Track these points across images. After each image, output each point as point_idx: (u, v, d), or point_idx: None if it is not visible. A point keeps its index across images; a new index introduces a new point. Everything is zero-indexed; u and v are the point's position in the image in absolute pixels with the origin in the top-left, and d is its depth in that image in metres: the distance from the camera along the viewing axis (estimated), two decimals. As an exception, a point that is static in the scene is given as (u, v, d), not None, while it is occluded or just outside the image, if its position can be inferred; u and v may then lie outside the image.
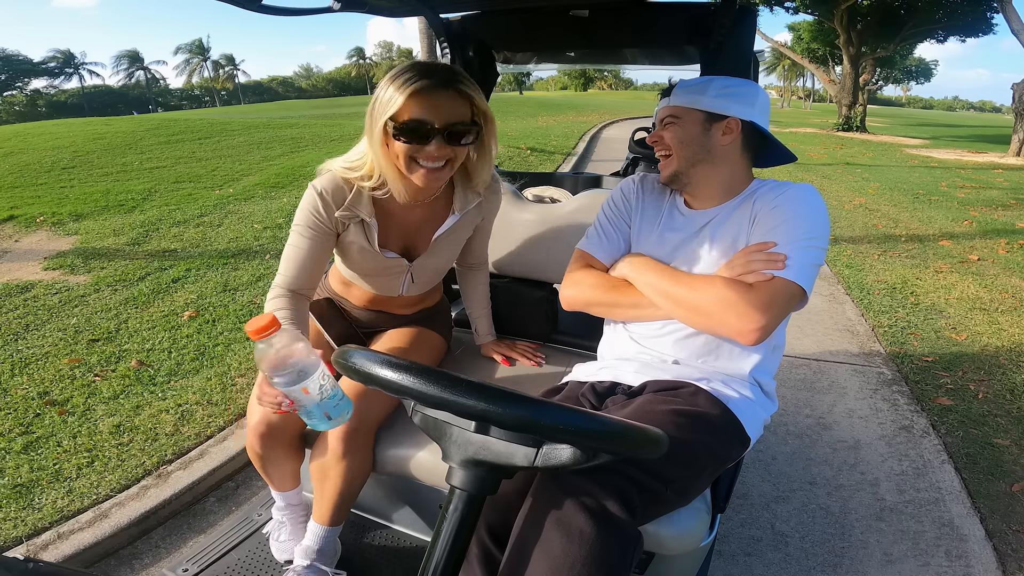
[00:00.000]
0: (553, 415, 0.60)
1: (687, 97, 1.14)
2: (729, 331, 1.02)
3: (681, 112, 1.14)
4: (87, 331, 2.83)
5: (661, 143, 1.17)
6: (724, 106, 1.11)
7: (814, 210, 1.06)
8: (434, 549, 0.69)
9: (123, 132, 8.84)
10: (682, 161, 1.14)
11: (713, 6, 1.46)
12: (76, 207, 4.98)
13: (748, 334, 1.00)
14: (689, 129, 1.13)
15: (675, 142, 1.15)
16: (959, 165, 10.71)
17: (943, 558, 1.67)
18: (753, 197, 1.14)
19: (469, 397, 0.60)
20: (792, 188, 1.10)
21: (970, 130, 25.51)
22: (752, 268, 1.03)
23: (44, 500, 1.75)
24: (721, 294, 1.02)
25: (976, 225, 5.61)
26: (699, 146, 1.13)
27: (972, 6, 16.44)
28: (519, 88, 73.38)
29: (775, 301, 0.99)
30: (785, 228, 1.04)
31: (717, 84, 1.13)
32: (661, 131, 1.18)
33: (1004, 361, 2.81)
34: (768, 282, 1.01)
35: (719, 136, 1.12)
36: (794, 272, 1.00)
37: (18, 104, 64.99)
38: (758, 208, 1.10)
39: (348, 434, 1.15)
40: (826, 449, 2.16)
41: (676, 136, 1.15)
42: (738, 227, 1.12)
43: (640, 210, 1.25)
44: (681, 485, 0.96)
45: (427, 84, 1.02)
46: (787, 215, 1.05)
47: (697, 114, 1.13)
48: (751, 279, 1.02)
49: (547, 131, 13.42)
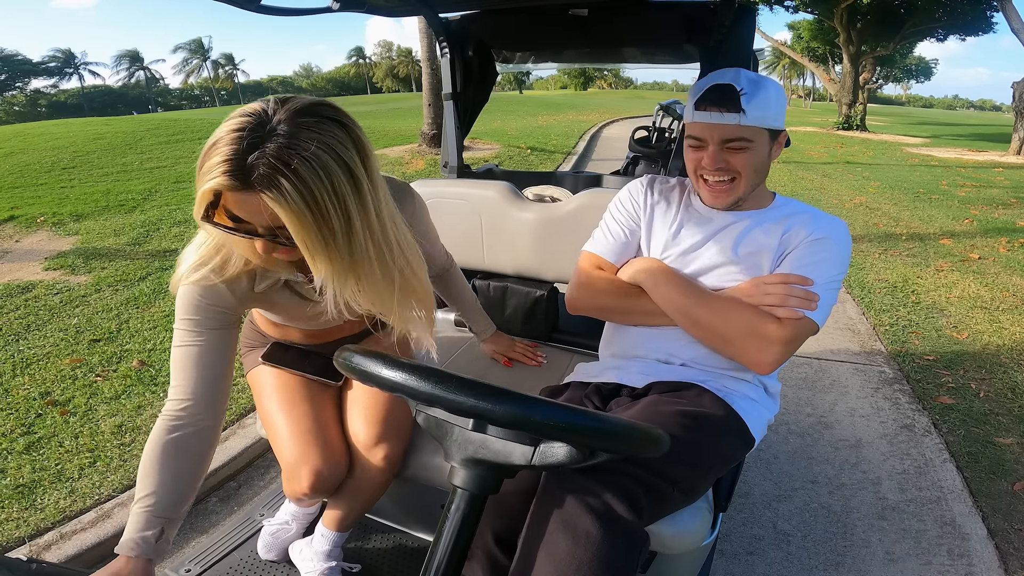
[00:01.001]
0: (543, 411, 0.60)
1: (758, 114, 1.00)
2: (746, 360, 1.02)
3: (753, 135, 1.01)
4: (88, 331, 2.84)
5: (728, 168, 1.04)
6: (782, 121, 1.05)
7: (846, 251, 1.07)
8: (436, 549, 0.69)
9: (123, 132, 8.85)
10: (749, 187, 1.06)
11: (712, 5, 1.46)
12: (76, 207, 4.99)
13: (764, 365, 1.00)
14: (761, 153, 1.04)
15: (749, 170, 1.04)
16: (959, 164, 10.70)
17: (945, 557, 1.67)
18: (785, 215, 1.10)
19: (459, 393, 0.61)
20: (832, 224, 1.08)
21: (970, 129, 25.50)
22: (788, 303, 1.00)
23: (46, 500, 1.75)
24: (747, 324, 1.00)
25: (977, 224, 5.61)
26: (764, 169, 1.07)
27: (972, 5, 16.41)
28: (519, 87, 73.37)
29: (797, 338, 1.00)
30: (822, 268, 1.03)
31: (772, 91, 1.01)
32: (726, 155, 1.03)
33: (1005, 360, 2.81)
34: (797, 320, 1.00)
35: (775, 151, 1.08)
36: (820, 313, 1.01)
37: (18, 104, 65.01)
38: (795, 232, 1.07)
39: (390, 464, 1.14)
40: (828, 448, 2.16)
41: (751, 164, 1.03)
42: (765, 240, 1.08)
43: (651, 210, 1.21)
44: (687, 485, 0.96)
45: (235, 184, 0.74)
46: (825, 254, 1.04)
47: (764, 133, 1.03)
48: (781, 312, 1.00)
49: (547, 130, 13.41)
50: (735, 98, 0.98)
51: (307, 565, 1.24)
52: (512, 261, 1.66)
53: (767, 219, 1.11)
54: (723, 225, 1.12)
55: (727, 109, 0.99)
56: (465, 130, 1.96)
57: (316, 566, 1.22)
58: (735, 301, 1.04)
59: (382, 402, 1.18)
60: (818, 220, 1.09)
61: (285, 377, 1.21)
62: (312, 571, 1.22)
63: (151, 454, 0.89)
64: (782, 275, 1.04)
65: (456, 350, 1.64)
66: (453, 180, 1.84)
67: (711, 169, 1.04)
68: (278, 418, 1.16)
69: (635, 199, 1.23)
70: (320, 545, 1.23)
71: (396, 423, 1.17)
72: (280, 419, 1.16)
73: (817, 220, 1.09)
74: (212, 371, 0.94)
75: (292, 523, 1.37)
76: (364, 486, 1.17)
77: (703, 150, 1.04)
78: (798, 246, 1.06)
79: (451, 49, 1.79)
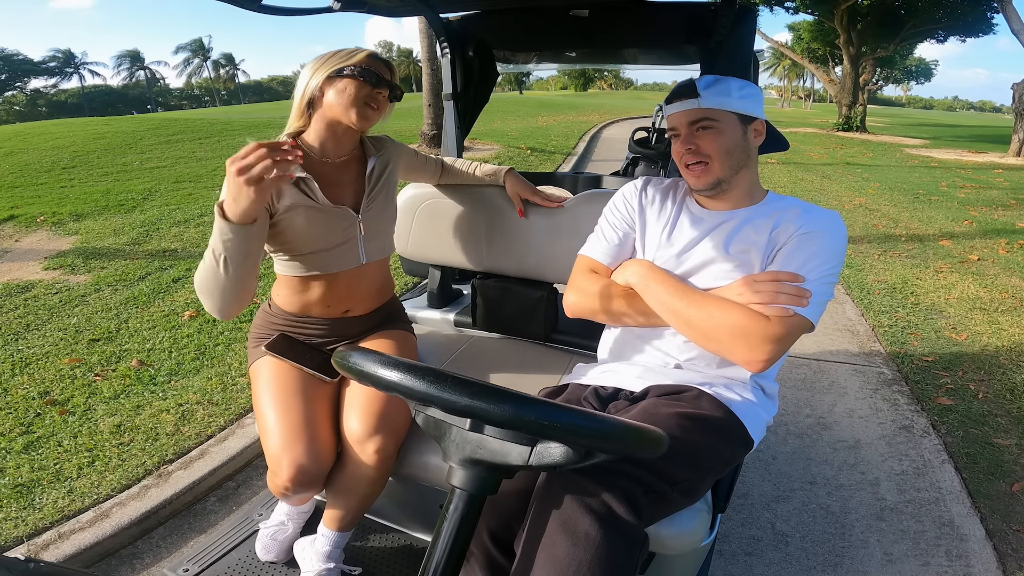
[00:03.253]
0: (537, 410, 0.60)
1: (717, 98, 1.07)
2: (737, 359, 1.02)
3: (718, 115, 1.07)
4: (87, 331, 2.84)
5: (696, 151, 1.09)
6: (750, 107, 1.09)
7: (840, 244, 1.06)
8: (434, 549, 0.69)
9: (123, 132, 8.85)
10: (726, 169, 1.09)
11: (713, 6, 1.46)
12: (76, 207, 4.99)
13: (755, 364, 1.00)
14: (731, 134, 1.08)
15: (719, 151, 1.08)
16: (959, 165, 10.71)
17: (943, 558, 1.68)
18: (775, 211, 1.11)
19: (454, 392, 0.61)
20: (823, 217, 1.07)
21: (970, 130, 25.50)
22: (777, 300, 1.00)
23: (45, 500, 1.75)
24: (736, 323, 1.00)
25: (976, 225, 5.62)
26: (742, 151, 1.10)
27: (972, 6, 16.42)
28: (519, 88, 73.37)
29: (788, 336, 1.00)
30: (815, 262, 1.02)
31: (735, 83, 1.09)
32: (695, 138, 1.09)
33: (1004, 361, 2.82)
34: (787, 317, 1.00)
35: (752, 138, 1.11)
36: (812, 310, 1.01)
37: (18, 104, 64.99)
38: (783, 228, 1.07)
39: (382, 459, 1.15)
40: (826, 449, 2.16)
41: (720, 144, 1.08)
42: (755, 237, 1.09)
43: (645, 212, 1.22)
44: (686, 486, 0.96)
45: (376, 54, 1.22)
46: (817, 248, 1.03)
47: (732, 116, 1.08)
48: (771, 311, 1.00)
49: (547, 131, 13.41)
50: (692, 87, 1.09)
51: (308, 564, 1.25)
52: (512, 262, 1.67)
53: (757, 215, 1.11)
54: (715, 224, 1.13)
55: (687, 97, 1.09)
56: (465, 130, 1.96)
57: (315, 566, 1.23)
58: (725, 301, 1.04)
59: (379, 400, 1.19)
60: (809, 213, 1.09)
61: (283, 373, 1.24)
62: (311, 571, 1.23)
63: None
64: (772, 272, 1.04)
65: (456, 350, 1.64)
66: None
67: (684, 151, 1.10)
68: (268, 411, 1.18)
69: (629, 202, 1.24)
70: (321, 545, 1.24)
71: (391, 420, 1.18)
72: (270, 412, 1.18)
73: (808, 213, 1.09)
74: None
75: (288, 523, 1.37)
76: (357, 483, 1.18)
77: (679, 138, 1.12)
78: (788, 241, 1.06)
79: (452, 49, 1.79)
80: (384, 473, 1.18)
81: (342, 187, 1.29)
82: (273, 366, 1.25)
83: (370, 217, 1.31)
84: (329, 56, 1.21)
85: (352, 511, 1.21)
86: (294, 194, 1.19)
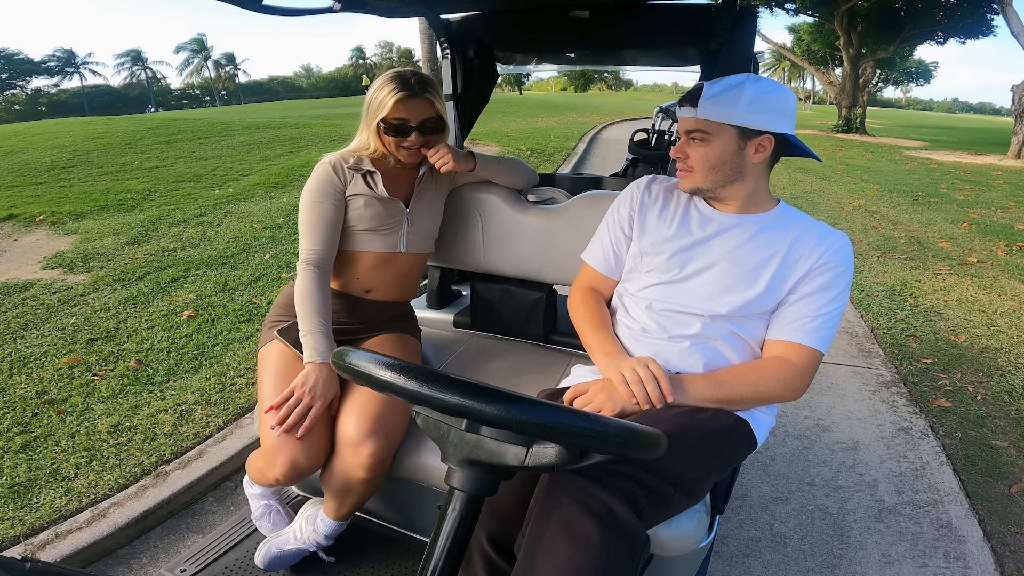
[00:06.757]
0: (529, 410, 0.60)
1: (717, 110, 1.02)
2: (780, 400, 1.10)
3: (712, 128, 1.04)
4: (86, 330, 2.83)
5: (684, 158, 1.10)
6: (759, 121, 1.02)
7: (852, 269, 1.11)
8: (433, 549, 0.69)
9: (123, 132, 8.84)
10: (708, 182, 1.09)
11: (713, 7, 1.46)
12: (75, 206, 4.98)
13: (795, 397, 1.10)
14: (720, 149, 1.05)
15: (704, 164, 1.07)
16: (958, 167, 10.72)
17: (941, 559, 1.68)
18: (790, 226, 1.11)
19: (447, 391, 0.60)
20: (839, 244, 1.09)
21: (969, 133, 25.53)
22: (637, 393, 1.01)
23: (42, 499, 1.74)
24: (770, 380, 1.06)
25: (975, 227, 5.62)
26: (731, 168, 1.07)
27: (972, 8, 16.44)
28: (518, 89, 73.39)
29: (813, 370, 1.08)
30: (841, 299, 1.09)
31: (748, 93, 1.01)
32: (686, 146, 1.09)
33: (1003, 363, 2.82)
34: (811, 356, 1.07)
35: (751, 154, 1.06)
36: (823, 342, 1.08)
37: (18, 103, 64.95)
38: (803, 249, 1.08)
39: (376, 462, 1.16)
40: (825, 450, 2.17)
41: (705, 158, 1.06)
42: (771, 251, 1.08)
43: (646, 208, 1.22)
44: (689, 486, 0.96)
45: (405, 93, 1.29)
46: (841, 288, 1.08)
47: (730, 131, 1.03)
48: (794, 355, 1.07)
49: (547, 132, 13.41)
50: (696, 95, 1.05)
51: (296, 526, 1.30)
52: (511, 263, 1.67)
53: (775, 226, 1.11)
54: (728, 226, 1.13)
55: (690, 105, 1.07)
56: (465, 131, 1.96)
57: (299, 534, 1.28)
58: (751, 365, 1.09)
59: (376, 403, 1.19)
60: (827, 239, 1.09)
61: (289, 363, 1.27)
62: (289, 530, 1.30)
63: (307, 290, 1.26)
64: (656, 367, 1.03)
65: (455, 351, 1.64)
66: None
67: (675, 155, 1.12)
68: (269, 400, 1.20)
69: (631, 201, 1.25)
70: (320, 526, 1.27)
71: (387, 423, 1.18)
72: (270, 401, 1.19)
73: (826, 239, 1.09)
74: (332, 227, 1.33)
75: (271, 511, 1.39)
76: (352, 483, 1.18)
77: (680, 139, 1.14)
78: (811, 272, 1.07)
79: (452, 50, 1.79)
80: (378, 475, 1.18)
81: (400, 183, 1.46)
82: (281, 354, 1.30)
83: (416, 211, 1.46)
84: (374, 93, 1.32)
85: (347, 506, 1.23)
86: (360, 183, 1.37)
